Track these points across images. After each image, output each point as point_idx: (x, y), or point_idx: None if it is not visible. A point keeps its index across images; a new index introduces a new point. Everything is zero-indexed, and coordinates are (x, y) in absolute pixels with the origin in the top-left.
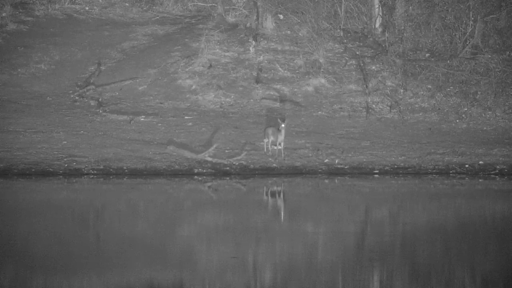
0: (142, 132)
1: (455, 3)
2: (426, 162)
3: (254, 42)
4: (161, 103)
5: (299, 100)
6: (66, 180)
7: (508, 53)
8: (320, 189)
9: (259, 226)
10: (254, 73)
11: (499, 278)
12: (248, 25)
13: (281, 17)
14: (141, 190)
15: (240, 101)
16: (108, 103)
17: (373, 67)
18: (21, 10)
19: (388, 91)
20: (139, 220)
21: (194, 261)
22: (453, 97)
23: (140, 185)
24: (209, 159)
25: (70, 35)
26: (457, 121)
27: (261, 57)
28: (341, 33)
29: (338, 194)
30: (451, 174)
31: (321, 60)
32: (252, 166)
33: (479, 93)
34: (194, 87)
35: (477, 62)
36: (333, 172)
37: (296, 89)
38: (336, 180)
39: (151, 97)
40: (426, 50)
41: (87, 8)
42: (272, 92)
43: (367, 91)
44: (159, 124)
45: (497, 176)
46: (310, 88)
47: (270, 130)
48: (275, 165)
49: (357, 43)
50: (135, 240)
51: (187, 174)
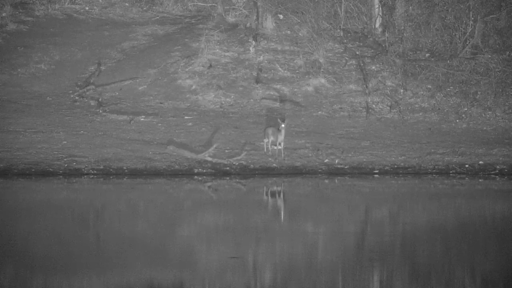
0: (142, 132)
1: (455, 3)
2: (426, 162)
3: (254, 42)
4: (161, 103)
5: (299, 100)
6: (66, 180)
7: (508, 53)
8: (320, 189)
9: (259, 226)
10: (254, 73)
11: (499, 278)
12: (248, 25)
13: (281, 17)
14: (141, 190)
15: (240, 101)
16: (108, 103)
17: (373, 67)
18: (21, 10)
19: (388, 91)
20: (139, 220)
21: (194, 261)
22: (453, 97)
23: (140, 185)
24: (209, 159)
25: (70, 35)
26: (457, 121)
27: (261, 57)
28: (341, 33)
29: (338, 194)
30: (451, 174)
31: (321, 60)
32: (252, 166)
33: (479, 93)
34: (194, 87)
35: (477, 62)
36: (333, 172)
37: (296, 89)
38: (336, 180)
39: (151, 97)
40: (426, 50)
41: (87, 8)
42: (272, 92)
43: (367, 91)
44: (159, 124)
45: (497, 176)
46: (310, 88)
47: (270, 130)
48: (275, 165)
49: (357, 43)
50: (135, 240)
51: (187, 174)
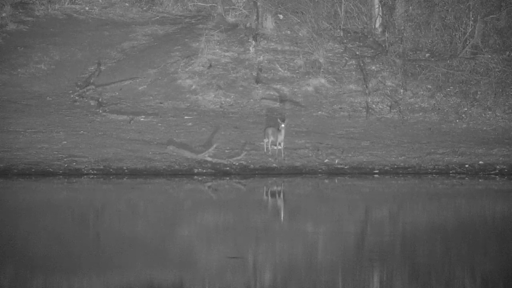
0: (142, 132)
1: (455, 3)
2: (426, 162)
3: (254, 42)
4: (161, 103)
5: (299, 100)
6: (66, 180)
7: (508, 53)
8: (320, 189)
9: (259, 226)
10: (254, 73)
11: (499, 278)
12: (248, 25)
13: (281, 17)
14: (141, 190)
15: (240, 101)
16: (108, 103)
17: (373, 67)
18: (21, 10)
19: (388, 91)
20: (139, 220)
21: (194, 261)
22: (453, 97)
23: (140, 185)
24: (209, 159)
25: (70, 35)
26: (457, 121)
27: (261, 57)
28: (341, 33)
29: (338, 194)
30: (451, 174)
31: (321, 60)
32: (252, 166)
33: (479, 93)
34: (194, 87)
35: (477, 62)
36: (333, 172)
37: (296, 89)
38: (336, 180)
39: (151, 97)
40: (426, 50)
41: (87, 8)
42: (272, 92)
43: (367, 91)
44: (159, 124)
45: (497, 176)
46: (310, 88)
47: (270, 130)
48: (275, 165)
49: (357, 43)
50: (135, 240)
51: (187, 174)
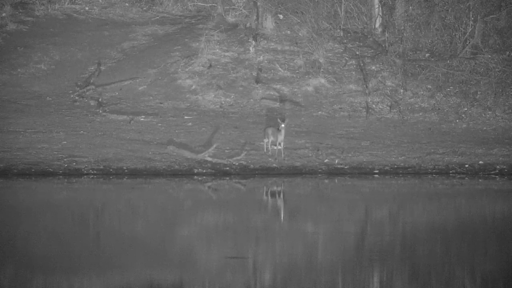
0: (142, 132)
1: (455, 3)
2: (426, 162)
3: (254, 42)
4: (161, 103)
5: (299, 100)
6: (66, 180)
7: (508, 53)
8: (320, 189)
9: (259, 226)
10: (254, 73)
11: (499, 278)
12: (248, 25)
13: (281, 17)
14: (141, 190)
15: (240, 101)
16: (108, 103)
17: (373, 67)
18: (21, 10)
19: (388, 91)
20: (139, 220)
21: (194, 261)
22: (453, 97)
23: (140, 185)
24: (209, 159)
25: (70, 35)
26: (457, 121)
27: (261, 57)
28: (341, 33)
29: (338, 194)
30: (451, 174)
31: (321, 60)
32: (252, 166)
33: (479, 93)
34: (194, 87)
35: (477, 62)
36: (333, 172)
37: (296, 89)
38: (336, 180)
39: (151, 97)
40: (426, 50)
41: (87, 8)
42: (272, 92)
43: (367, 91)
44: (159, 124)
45: (497, 176)
46: (310, 88)
47: (270, 130)
48: (275, 165)
49: (357, 43)
50: (135, 240)
51: (187, 174)
